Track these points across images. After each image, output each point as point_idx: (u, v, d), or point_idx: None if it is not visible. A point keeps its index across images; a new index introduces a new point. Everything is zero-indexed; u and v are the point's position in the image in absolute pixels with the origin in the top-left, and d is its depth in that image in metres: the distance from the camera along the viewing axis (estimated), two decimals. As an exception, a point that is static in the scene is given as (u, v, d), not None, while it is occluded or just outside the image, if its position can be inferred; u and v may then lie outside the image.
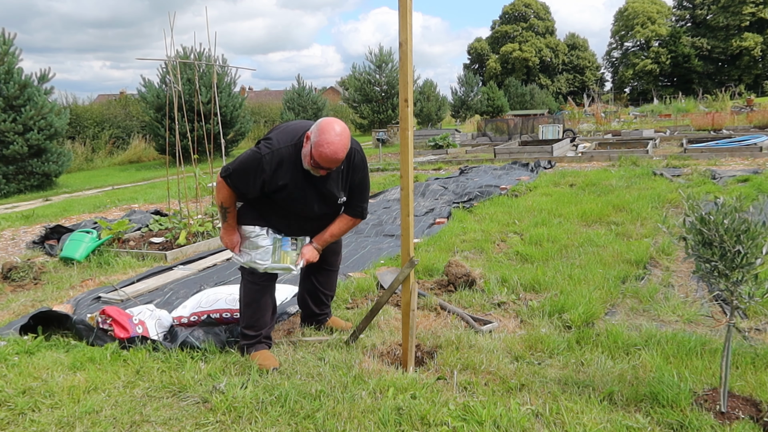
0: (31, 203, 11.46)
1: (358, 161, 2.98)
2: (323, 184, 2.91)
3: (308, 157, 2.76)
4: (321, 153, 2.68)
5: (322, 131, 2.69)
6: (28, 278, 5.01)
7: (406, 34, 2.58)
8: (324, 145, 2.67)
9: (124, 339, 3.28)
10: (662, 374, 2.56)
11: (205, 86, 15.89)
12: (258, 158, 2.79)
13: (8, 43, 13.65)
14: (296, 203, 2.94)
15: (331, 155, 2.68)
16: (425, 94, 30.15)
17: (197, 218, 6.62)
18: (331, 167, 2.76)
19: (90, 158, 21.12)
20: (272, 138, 2.87)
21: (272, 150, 2.80)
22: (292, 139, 2.85)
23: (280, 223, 3.02)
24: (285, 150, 2.82)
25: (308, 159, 2.77)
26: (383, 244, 5.79)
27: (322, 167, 2.75)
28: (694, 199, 2.28)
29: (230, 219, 2.99)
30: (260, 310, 3.08)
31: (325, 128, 2.70)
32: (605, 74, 72.78)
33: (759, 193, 6.83)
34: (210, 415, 2.52)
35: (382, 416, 2.39)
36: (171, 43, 12.63)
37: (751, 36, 56.56)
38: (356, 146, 2.97)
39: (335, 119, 2.77)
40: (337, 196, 2.98)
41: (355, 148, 2.96)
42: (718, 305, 3.56)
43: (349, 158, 2.92)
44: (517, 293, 3.91)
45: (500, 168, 11.25)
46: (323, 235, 3.10)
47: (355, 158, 2.96)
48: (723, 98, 26.90)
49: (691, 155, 11.37)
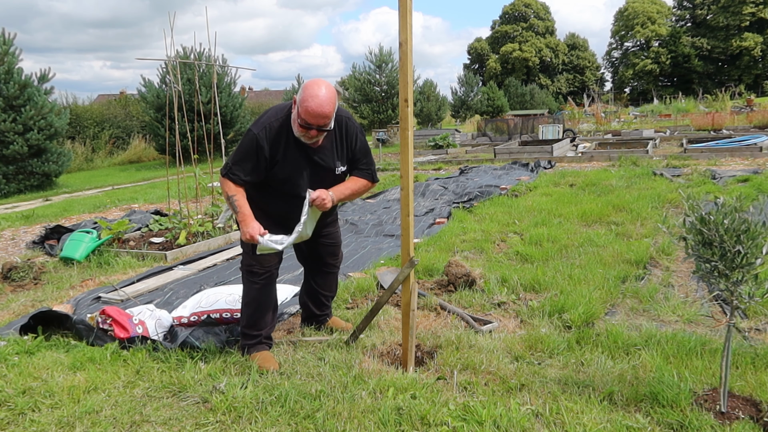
0: (31, 203, 11.46)
1: (351, 127, 2.95)
2: (318, 154, 2.88)
3: (297, 120, 2.74)
4: (307, 108, 2.66)
5: (307, 88, 2.69)
6: (28, 278, 5.01)
7: (406, 34, 2.58)
8: (308, 100, 2.65)
9: (124, 339, 3.28)
10: (662, 374, 2.56)
11: (205, 86, 15.89)
12: (253, 138, 2.79)
13: (8, 43, 13.66)
14: (294, 180, 2.88)
15: (317, 108, 2.65)
16: (425, 94, 30.16)
17: (197, 218, 6.63)
18: (320, 123, 2.70)
19: (90, 158, 21.14)
20: (261, 118, 2.87)
21: (264, 126, 2.81)
22: (280, 112, 2.86)
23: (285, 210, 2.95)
24: (275, 122, 2.82)
25: (297, 121, 2.74)
26: (383, 244, 5.79)
27: (311, 125, 2.70)
28: (694, 199, 2.28)
29: (241, 207, 2.87)
30: (260, 310, 3.08)
31: (310, 85, 2.71)
32: (605, 74, 72.87)
33: (759, 193, 6.83)
34: (210, 415, 2.52)
35: (382, 416, 2.39)
36: (171, 43, 12.64)
37: (751, 36, 56.54)
38: (346, 115, 2.96)
39: (320, 78, 2.77)
40: (334, 166, 2.93)
41: (345, 116, 2.94)
42: (718, 305, 3.56)
43: (339, 125, 2.90)
44: (517, 293, 3.91)
45: (500, 168, 11.25)
46: (340, 188, 2.96)
47: (347, 125, 2.94)
48: (723, 98, 26.89)
49: (691, 155, 11.37)
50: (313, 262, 3.35)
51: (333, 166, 2.93)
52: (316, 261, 3.32)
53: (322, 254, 3.28)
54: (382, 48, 28.01)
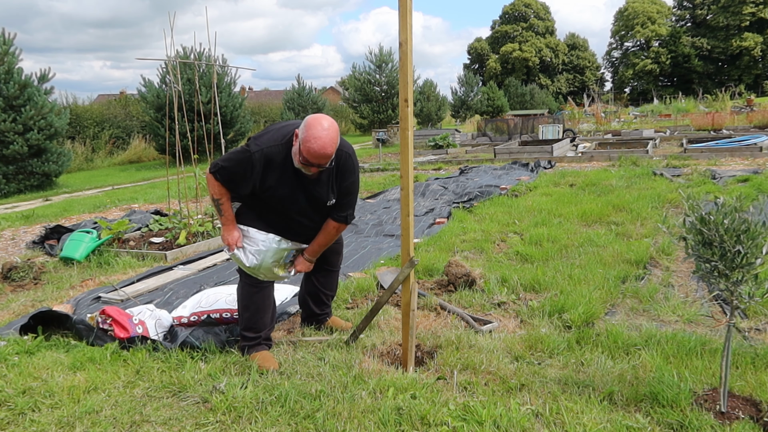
0: (31, 203, 11.46)
1: (348, 164, 2.94)
2: (313, 186, 2.89)
3: (298, 155, 2.75)
4: (309, 149, 2.66)
5: (309, 127, 2.68)
6: (28, 278, 5.01)
7: (406, 34, 2.59)
8: (311, 141, 2.65)
9: (124, 339, 3.28)
10: (662, 374, 2.56)
11: (205, 86, 15.89)
12: (247, 156, 2.79)
13: (8, 43, 13.66)
14: (285, 203, 2.92)
15: (319, 150, 2.66)
16: (425, 94, 30.15)
17: (197, 218, 6.63)
18: (321, 163, 2.72)
19: (90, 158, 21.13)
20: (262, 137, 2.86)
21: (261, 148, 2.80)
22: (281, 138, 2.84)
23: (279, 223, 3.00)
24: (274, 149, 2.81)
25: (298, 157, 2.76)
26: (383, 244, 5.79)
27: (312, 164, 2.72)
28: (694, 199, 2.28)
29: (226, 212, 2.94)
30: (258, 312, 3.08)
31: (312, 124, 2.69)
32: (605, 74, 72.86)
33: (759, 193, 6.83)
34: (210, 415, 2.52)
35: (382, 416, 2.39)
36: (171, 43, 12.64)
37: (751, 36, 56.54)
38: (347, 149, 2.94)
39: (323, 115, 2.76)
40: (327, 199, 2.95)
41: (346, 151, 2.92)
42: (718, 305, 3.56)
43: (338, 159, 2.88)
44: (517, 293, 3.91)
45: (500, 168, 11.25)
46: (312, 247, 3.11)
47: (344, 161, 2.92)
48: (723, 98, 26.89)
49: (691, 155, 11.37)
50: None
51: (325, 199, 2.95)
52: (319, 259, 3.32)
53: (325, 253, 3.29)
54: (382, 48, 28.02)
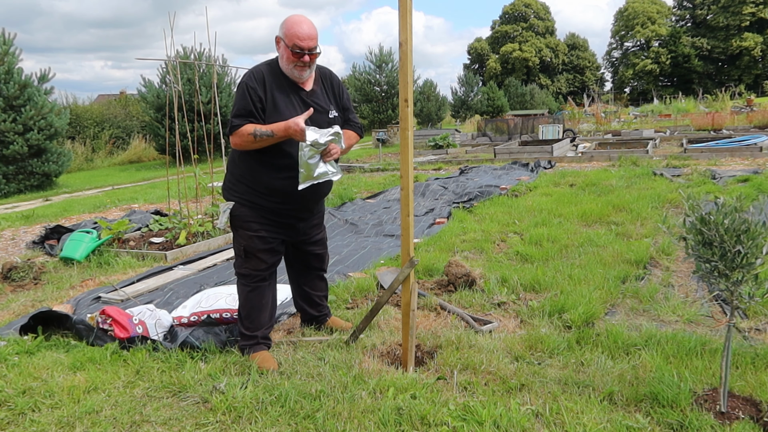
0: (31, 203, 11.46)
1: (335, 79, 3.12)
2: (311, 98, 2.95)
3: (286, 54, 2.83)
4: (296, 33, 2.77)
5: (287, 21, 2.85)
6: (28, 278, 5.01)
7: (406, 34, 2.59)
8: (295, 26, 2.78)
9: (124, 339, 3.28)
10: (662, 374, 2.56)
11: (205, 86, 15.90)
12: (243, 84, 2.86)
13: (8, 43, 13.66)
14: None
15: (307, 30, 2.78)
16: (425, 94, 30.17)
17: (197, 218, 6.63)
18: (311, 45, 2.80)
19: (90, 158, 21.14)
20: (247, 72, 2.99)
21: (251, 72, 2.89)
22: (265, 63, 2.97)
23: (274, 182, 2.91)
24: (259, 67, 2.92)
25: (287, 56, 2.83)
26: (383, 244, 5.79)
27: (303, 49, 2.78)
28: (694, 199, 2.28)
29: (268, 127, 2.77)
30: (255, 311, 3.08)
31: (290, 18, 2.86)
32: (605, 74, 72.85)
33: (759, 193, 6.83)
34: (210, 415, 2.52)
35: (382, 416, 2.39)
36: (171, 43, 12.63)
37: (751, 36, 56.53)
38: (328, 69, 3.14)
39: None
40: (327, 108, 3.02)
41: (329, 70, 3.11)
42: (718, 305, 3.56)
43: (324, 75, 3.06)
44: (517, 293, 3.91)
45: (500, 168, 11.25)
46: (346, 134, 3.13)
47: (332, 76, 3.10)
48: (723, 98, 26.91)
49: (691, 155, 11.37)
50: (300, 267, 3.37)
51: (327, 108, 3.01)
52: (304, 267, 3.36)
53: (310, 261, 3.33)
54: (382, 48, 28.08)
